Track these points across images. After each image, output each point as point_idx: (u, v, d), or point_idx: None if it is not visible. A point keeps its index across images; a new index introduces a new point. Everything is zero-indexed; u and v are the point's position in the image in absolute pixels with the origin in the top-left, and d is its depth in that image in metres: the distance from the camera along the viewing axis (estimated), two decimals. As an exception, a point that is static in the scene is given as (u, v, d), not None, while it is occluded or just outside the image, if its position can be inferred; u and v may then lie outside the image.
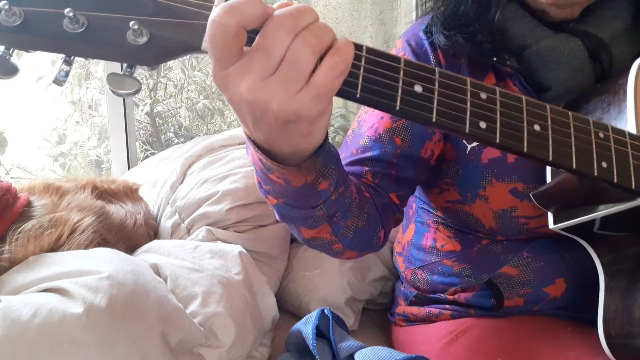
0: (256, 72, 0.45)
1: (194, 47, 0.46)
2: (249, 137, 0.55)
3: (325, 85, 0.45)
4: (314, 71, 0.45)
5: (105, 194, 1.10)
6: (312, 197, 0.62)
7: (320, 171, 0.59)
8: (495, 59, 0.78)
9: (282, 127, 0.48)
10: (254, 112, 0.47)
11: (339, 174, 0.62)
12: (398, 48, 0.87)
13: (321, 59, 0.45)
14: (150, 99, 2.12)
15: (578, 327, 0.82)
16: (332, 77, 0.45)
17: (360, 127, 0.85)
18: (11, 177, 1.81)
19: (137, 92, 0.46)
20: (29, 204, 0.89)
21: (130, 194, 1.17)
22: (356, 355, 0.79)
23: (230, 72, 0.45)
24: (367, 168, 0.80)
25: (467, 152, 0.81)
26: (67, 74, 0.46)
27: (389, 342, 1.08)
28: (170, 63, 2.16)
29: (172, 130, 2.24)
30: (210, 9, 0.46)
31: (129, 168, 1.59)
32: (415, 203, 0.98)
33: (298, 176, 0.57)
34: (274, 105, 0.46)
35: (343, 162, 0.81)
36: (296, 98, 0.45)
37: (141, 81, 2.13)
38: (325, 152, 0.57)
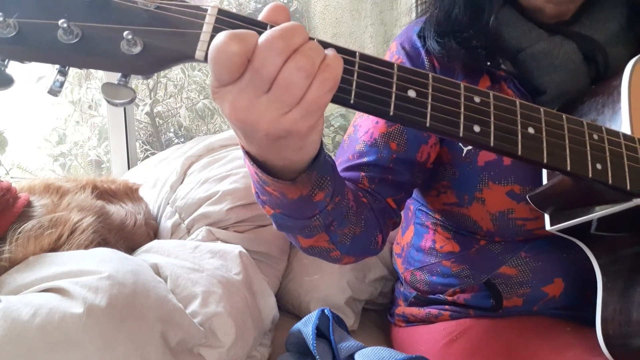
0: (248, 92, 0.45)
1: (188, 56, 0.47)
2: (244, 150, 0.56)
3: (315, 102, 0.46)
4: None
5: (105, 194, 1.10)
6: (309, 208, 0.62)
7: (315, 183, 0.59)
8: (489, 63, 0.78)
9: (274, 142, 0.49)
10: (244, 128, 0.48)
11: (335, 184, 0.62)
12: (392, 51, 0.87)
13: None
14: (150, 99, 2.12)
15: (577, 327, 0.82)
16: (322, 93, 0.46)
17: (356, 131, 0.85)
18: (11, 177, 1.81)
19: (131, 101, 0.47)
20: (29, 204, 0.89)
21: (130, 194, 1.17)
22: (356, 356, 0.79)
23: (224, 90, 0.46)
24: (363, 173, 0.80)
25: (464, 155, 0.81)
26: (62, 84, 0.46)
27: (389, 342, 1.08)
28: (170, 63, 2.14)
29: (172, 130, 2.24)
30: (203, 18, 0.46)
31: (129, 168, 1.60)
32: (413, 205, 0.99)
33: (293, 190, 0.58)
34: (264, 123, 0.46)
35: (339, 168, 0.81)
36: (287, 116, 0.46)
37: (141, 81, 2.12)
38: (320, 164, 0.58)
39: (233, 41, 0.43)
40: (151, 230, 1.16)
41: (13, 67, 0.45)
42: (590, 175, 0.56)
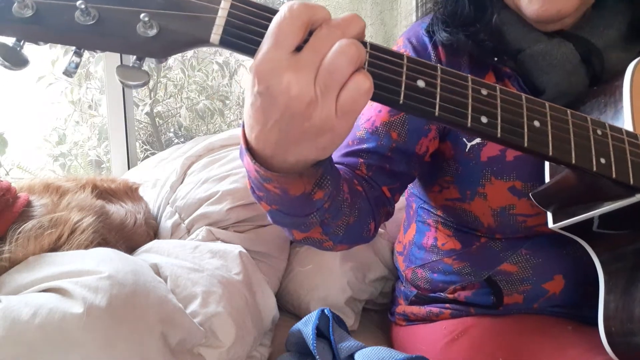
0: (307, 70, 0.45)
1: (203, 40, 0.47)
2: (247, 147, 0.55)
3: (352, 103, 0.46)
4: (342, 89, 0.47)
5: (105, 193, 1.10)
6: (307, 206, 0.62)
7: (317, 181, 0.59)
8: (495, 59, 0.79)
9: (304, 133, 0.48)
10: (290, 108, 0.47)
11: (333, 183, 0.62)
12: (399, 45, 0.88)
13: None
14: (150, 99, 2.12)
15: (578, 326, 0.83)
16: (358, 94, 0.46)
17: (358, 119, 0.85)
18: (11, 177, 1.81)
19: (145, 83, 0.47)
20: (29, 204, 0.89)
21: (130, 193, 1.17)
22: (356, 356, 0.79)
23: (283, 62, 0.45)
24: (362, 160, 0.81)
25: (467, 150, 0.82)
26: (77, 65, 0.47)
27: (389, 342, 1.08)
28: (170, 63, 2.15)
29: (172, 130, 2.24)
30: (219, 3, 0.46)
31: (129, 168, 1.60)
32: (415, 203, 0.99)
33: (298, 184, 0.57)
34: (317, 110, 0.47)
35: (339, 153, 0.82)
36: (331, 110, 0.46)
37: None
38: (327, 161, 0.58)
39: (305, 7, 0.45)
40: (151, 230, 1.16)
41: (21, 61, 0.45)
42: (594, 169, 0.57)
